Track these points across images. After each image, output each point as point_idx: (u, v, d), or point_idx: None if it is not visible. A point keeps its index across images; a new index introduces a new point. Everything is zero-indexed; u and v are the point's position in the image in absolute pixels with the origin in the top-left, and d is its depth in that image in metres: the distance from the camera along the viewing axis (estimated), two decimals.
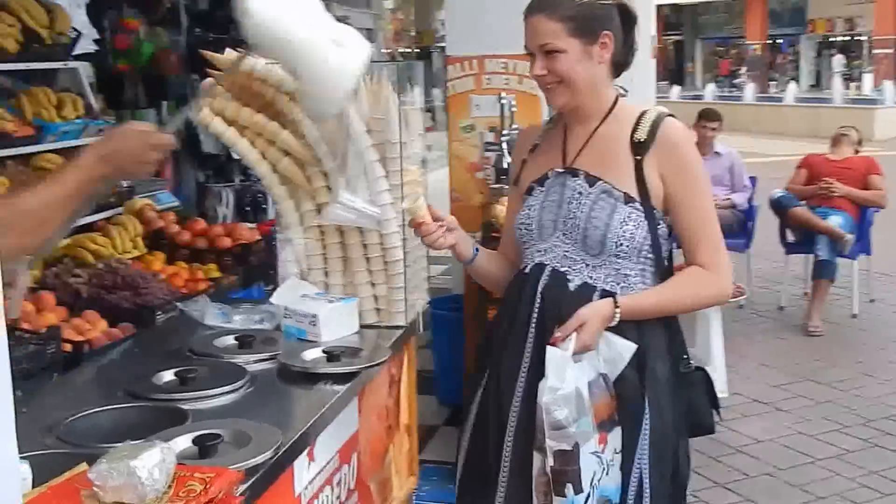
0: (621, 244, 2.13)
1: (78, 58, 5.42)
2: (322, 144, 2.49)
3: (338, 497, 2.28)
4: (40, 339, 3.19)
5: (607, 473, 2.11)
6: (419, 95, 2.74)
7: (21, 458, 1.62)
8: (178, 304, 2.77)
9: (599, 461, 2.09)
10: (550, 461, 2.03)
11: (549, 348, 2.05)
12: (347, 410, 2.28)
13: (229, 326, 2.59)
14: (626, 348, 2.13)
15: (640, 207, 2.14)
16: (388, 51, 12.15)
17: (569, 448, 2.02)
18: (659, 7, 30.69)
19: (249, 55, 2.26)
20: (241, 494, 1.59)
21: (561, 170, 2.23)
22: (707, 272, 2.17)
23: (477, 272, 2.39)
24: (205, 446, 1.78)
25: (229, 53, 2.49)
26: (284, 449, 1.84)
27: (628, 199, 2.14)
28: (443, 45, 8.14)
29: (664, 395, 2.17)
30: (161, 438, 1.79)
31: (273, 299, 2.56)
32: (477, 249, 2.34)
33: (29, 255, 2.20)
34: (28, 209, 1.96)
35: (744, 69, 31.61)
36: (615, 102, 2.23)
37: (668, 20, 33.81)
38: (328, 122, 2.43)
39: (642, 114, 2.20)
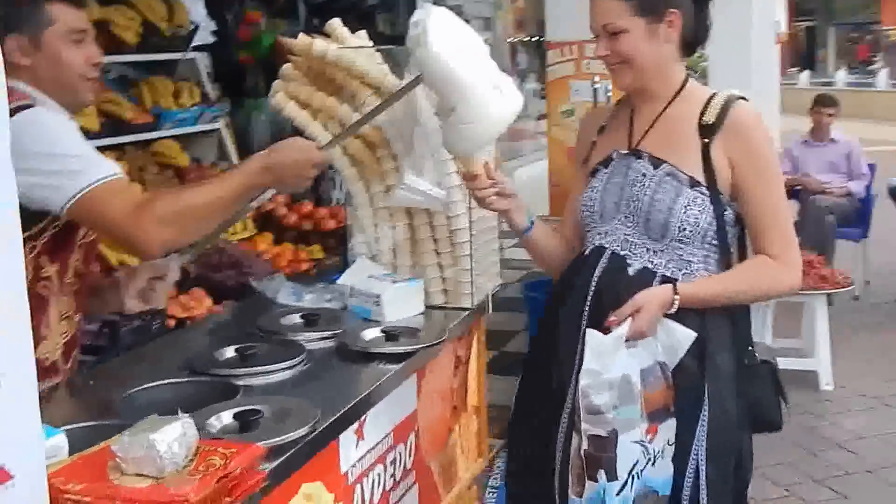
0: (684, 229, 2.02)
1: (197, 49, 5.54)
2: (391, 127, 2.45)
3: (391, 476, 2.24)
4: (146, 315, 3.28)
5: (653, 464, 2.00)
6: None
7: (66, 429, 1.66)
8: (252, 282, 2.77)
9: (644, 451, 1.98)
10: (585, 445, 1.95)
11: (589, 331, 1.97)
12: (403, 390, 2.24)
13: (300, 305, 2.57)
14: (685, 337, 2.02)
15: (706, 192, 2.02)
16: (509, 40, 12.02)
17: (604, 434, 1.93)
18: None
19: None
20: (264, 470, 1.56)
21: (625, 151, 2.13)
22: (775, 262, 2.04)
23: (531, 246, 2.29)
24: (245, 421, 1.76)
25: (303, 38, 2.47)
26: (324, 426, 1.80)
27: (694, 183, 2.02)
28: None
29: (726, 388, 2.05)
30: (207, 413, 1.81)
31: (341, 279, 2.54)
32: (532, 222, 2.25)
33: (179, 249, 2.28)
34: (191, 206, 2.03)
35: (879, 55, 30.16)
36: (684, 83, 2.11)
37: (800, 6, 32.48)
38: (395, 106, 2.39)
39: (712, 96, 2.08)
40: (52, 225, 2.06)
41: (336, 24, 2.61)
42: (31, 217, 2.01)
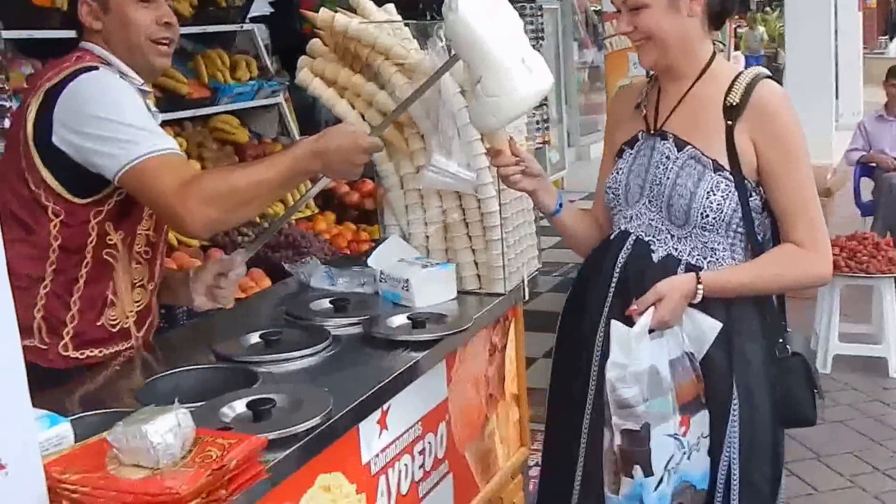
0: (707, 215, 1.95)
1: (255, 20, 5.55)
2: (417, 107, 2.41)
3: (421, 466, 2.22)
4: None
5: (689, 458, 1.96)
6: None
7: (73, 418, 1.68)
8: (286, 266, 2.77)
9: (679, 444, 1.94)
10: (618, 440, 1.92)
11: (613, 322, 1.93)
12: (430, 378, 2.21)
13: (332, 289, 2.57)
14: (710, 327, 1.97)
15: (730, 177, 1.95)
16: (584, 9, 11.80)
17: (636, 428, 1.89)
18: None
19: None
20: (270, 461, 1.57)
21: (651, 132, 2.06)
22: (803, 251, 1.96)
23: (562, 228, 2.27)
24: (258, 410, 1.76)
25: (325, 12, 2.45)
26: (338, 416, 1.79)
27: (717, 167, 1.96)
28: None
29: (756, 381, 1.99)
30: (222, 402, 1.82)
31: (370, 261, 2.52)
32: (561, 204, 2.21)
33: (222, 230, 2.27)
34: (237, 187, 2.03)
35: None
36: (711, 61, 2.03)
37: None
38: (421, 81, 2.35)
39: (738, 75, 2.00)
40: (116, 192, 2.10)
41: None
42: (95, 182, 2.06)
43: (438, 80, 2.25)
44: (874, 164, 6.43)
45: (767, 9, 24.81)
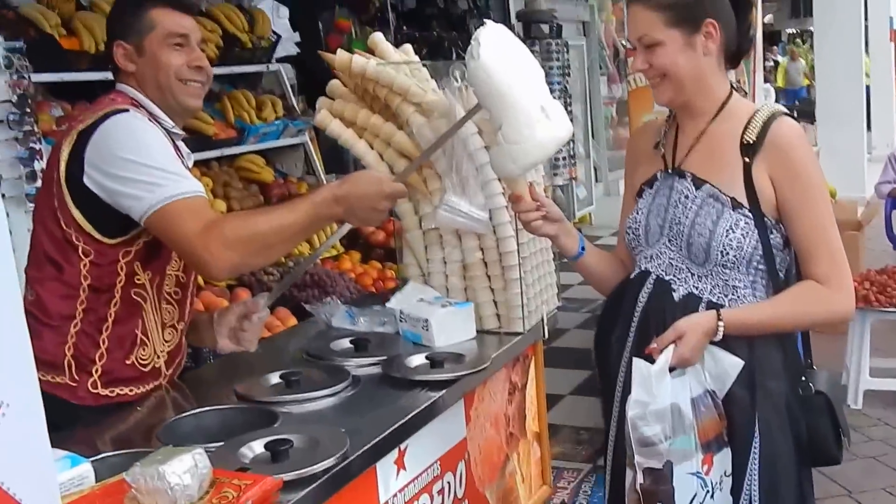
0: (727, 253, 1.97)
1: (281, 60, 5.64)
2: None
3: None
4: None
5: (712, 496, 1.97)
6: None
7: (94, 460, 1.72)
8: (306, 306, 2.82)
9: (703, 483, 1.95)
10: (640, 479, 1.92)
11: (634, 360, 1.94)
12: (448, 417, 2.25)
13: (353, 329, 2.61)
14: (732, 365, 1.98)
15: (750, 214, 1.97)
16: (621, 42, 11.87)
17: (659, 467, 1.90)
18: None
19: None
20: (286, 502, 1.60)
21: (669, 171, 2.10)
22: (825, 288, 1.97)
23: (585, 271, 2.28)
24: (275, 451, 1.80)
25: (342, 54, 2.51)
26: (354, 456, 1.83)
27: (736, 205, 1.98)
28: None
29: (778, 418, 2.00)
30: (240, 442, 1.86)
31: (390, 303, 2.56)
32: (583, 248, 2.23)
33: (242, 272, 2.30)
34: (259, 232, 2.08)
35: None
36: (728, 98, 2.07)
37: None
38: (439, 123, 2.40)
39: (755, 112, 2.02)
40: (144, 233, 2.16)
41: (378, 38, 2.63)
42: (124, 222, 2.12)
43: (461, 126, 2.30)
44: None
45: (798, 40, 24.76)
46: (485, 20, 2.17)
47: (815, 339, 2.20)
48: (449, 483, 2.29)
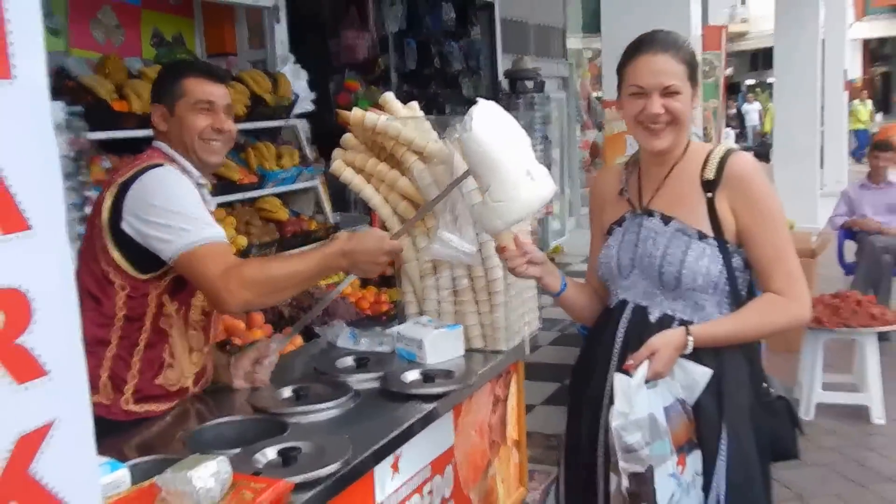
0: (696, 279, 2.01)
1: (298, 116, 5.74)
2: (433, 189, 2.52)
3: None
4: None
5: (688, 494, 1.99)
6: None
7: (130, 464, 1.76)
8: (315, 329, 2.86)
9: (678, 482, 1.97)
10: (625, 483, 1.94)
11: (616, 375, 1.97)
12: (439, 426, 2.27)
13: (355, 348, 2.66)
14: (701, 374, 2.00)
15: (715, 243, 2.02)
16: (587, 95, 12.01)
17: (642, 470, 1.92)
18: (866, 41, 28.58)
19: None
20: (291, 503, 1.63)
21: (637, 211, 2.15)
22: (782, 298, 2.01)
23: (566, 305, 2.31)
24: (286, 457, 1.83)
25: (356, 111, 2.58)
26: (356, 462, 1.86)
27: (702, 236, 2.02)
28: None
29: (743, 423, 2.02)
30: (255, 449, 1.90)
31: (390, 329, 2.61)
32: (565, 284, 2.27)
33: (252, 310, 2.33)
34: (273, 276, 2.14)
35: None
36: (688, 144, 2.12)
37: (875, 52, 31.37)
38: (438, 168, 2.46)
39: (710, 152, 2.07)
40: (172, 269, 2.21)
41: (389, 97, 2.70)
42: (155, 261, 2.17)
43: (449, 193, 2.34)
44: (857, 229, 6.46)
45: (757, 90, 24.96)
46: (478, 98, 2.22)
47: (772, 356, 2.22)
48: (437, 484, 2.32)
